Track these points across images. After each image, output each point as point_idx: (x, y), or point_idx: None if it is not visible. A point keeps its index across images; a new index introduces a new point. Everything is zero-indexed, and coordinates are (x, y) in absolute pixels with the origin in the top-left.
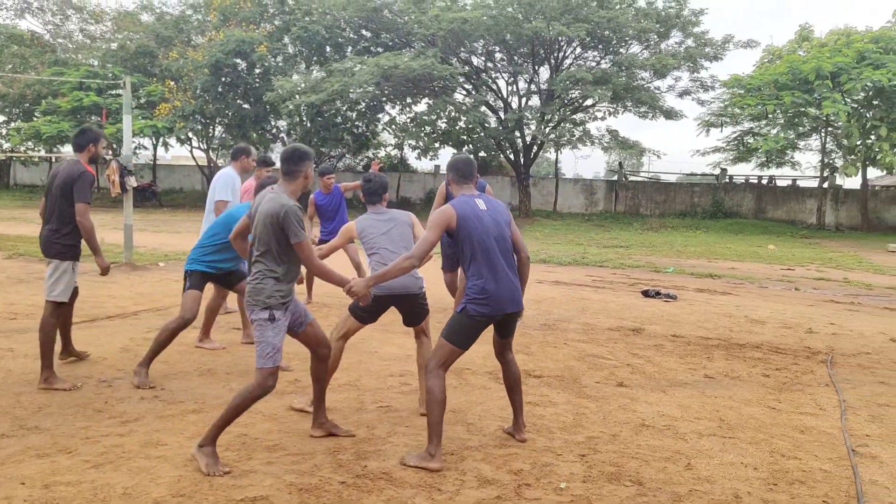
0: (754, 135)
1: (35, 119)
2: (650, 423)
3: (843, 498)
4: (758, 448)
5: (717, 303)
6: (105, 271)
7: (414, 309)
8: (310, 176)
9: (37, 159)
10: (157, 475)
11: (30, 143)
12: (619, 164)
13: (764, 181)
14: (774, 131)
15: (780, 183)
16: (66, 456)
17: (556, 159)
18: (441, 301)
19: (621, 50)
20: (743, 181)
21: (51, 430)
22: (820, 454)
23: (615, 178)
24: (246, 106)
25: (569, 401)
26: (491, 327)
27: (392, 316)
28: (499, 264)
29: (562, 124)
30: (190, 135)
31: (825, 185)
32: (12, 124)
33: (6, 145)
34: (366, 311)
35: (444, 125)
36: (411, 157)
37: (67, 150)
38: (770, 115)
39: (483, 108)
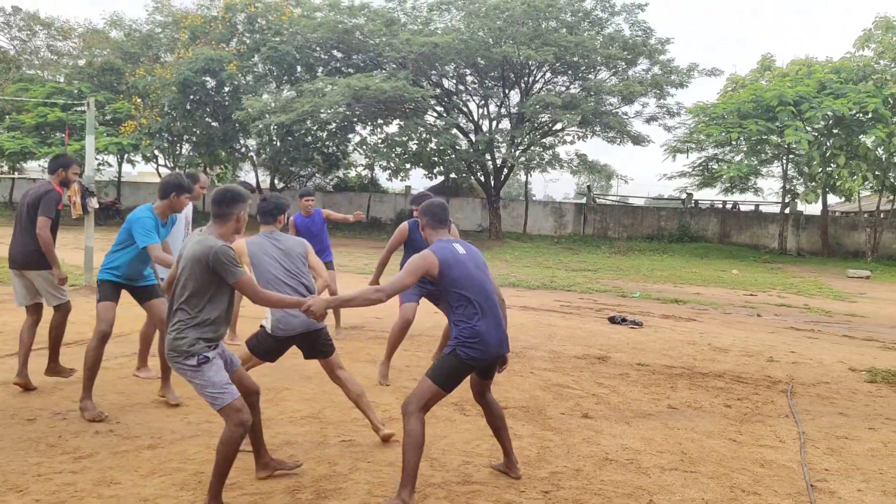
0: (718, 161)
1: None
2: (614, 456)
3: None
4: (719, 483)
5: (681, 329)
6: (62, 283)
7: (317, 346)
8: (242, 219)
9: None
10: None
11: None
12: (588, 187)
13: (728, 206)
14: (738, 158)
15: (743, 208)
16: (17, 495)
17: (526, 182)
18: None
19: (590, 76)
20: (708, 206)
21: (2, 465)
22: (779, 489)
23: (584, 200)
24: (214, 124)
25: (533, 433)
26: None
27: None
28: (483, 307)
29: (532, 147)
30: (156, 152)
31: (787, 210)
32: None
33: None
34: (266, 349)
35: (415, 146)
36: (382, 177)
37: (31, 165)
38: (734, 143)
39: (454, 131)
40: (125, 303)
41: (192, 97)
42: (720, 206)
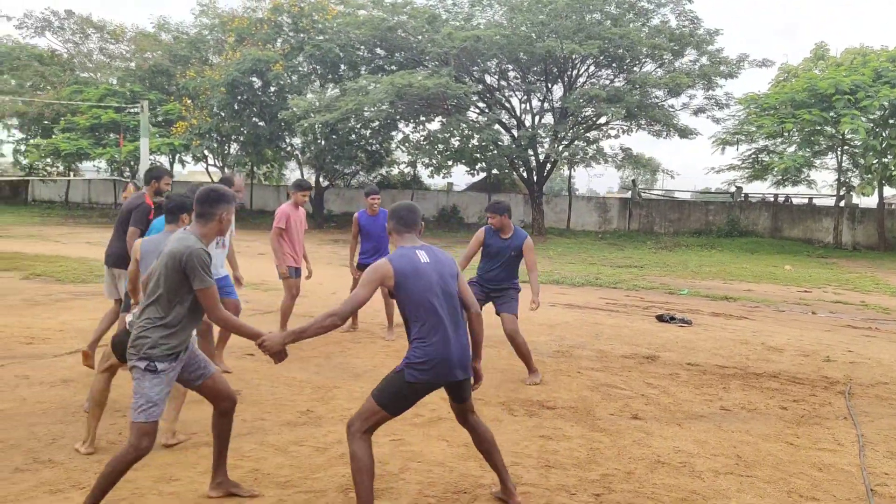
0: (769, 152)
1: (54, 136)
2: (666, 459)
3: None
4: (775, 487)
5: (733, 328)
6: None
7: None
8: (225, 220)
9: (55, 177)
10: None
11: (48, 159)
12: (633, 181)
13: (780, 199)
14: (791, 149)
15: (796, 201)
16: (79, 492)
17: (570, 177)
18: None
19: (635, 68)
20: (759, 199)
21: (64, 463)
22: (838, 494)
23: (629, 195)
24: (261, 123)
25: (583, 434)
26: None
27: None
28: (443, 325)
29: (575, 142)
30: (206, 152)
31: (842, 203)
32: (31, 141)
33: (24, 161)
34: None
35: (457, 143)
36: (424, 174)
37: (86, 166)
38: (786, 134)
39: (496, 126)
40: None
41: (239, 98)
42: (771, 199)
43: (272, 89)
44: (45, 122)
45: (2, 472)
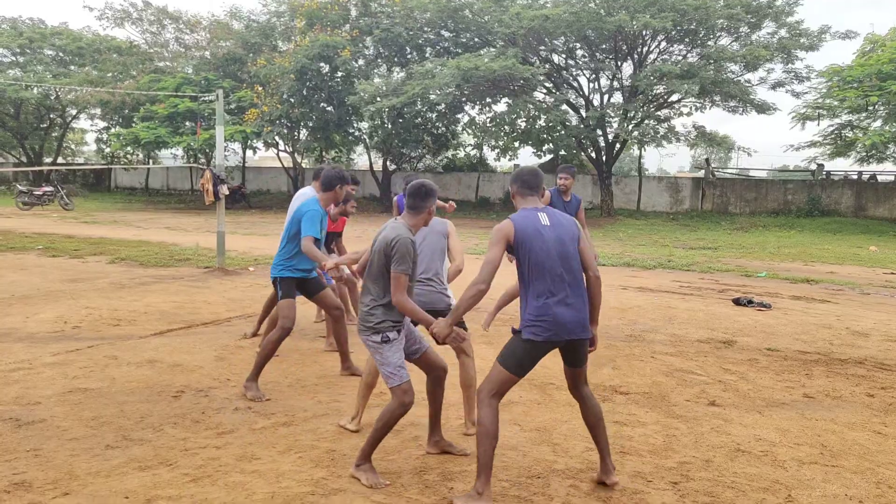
0: (853, 128)
1: (134, 125)
2: (746, 448)
3: None
4: (863, 478)
5: (815, 312)
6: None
7: None
8: (432, 212)
9: (136, 165)
10: (252, 491)
11: (129, 147)
12: (706, 160)
13: (864, 177)
14: (876, 124)
15: (881, 178)
16: (167, 469)
17: (640, 156)
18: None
19: (709, 42)
20: (841, 177)
21: (152, 441)
22: None
23: (701, 174)
24: (329, 109)
25: (658, 421)
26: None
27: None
28: (560, 285)
29: (645, 121)
30: (276, 138)
31: None
32: (112, 130)
33: (107, 150)
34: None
35: (523, 124)
36: (490, 157)
37: (163, 154)
38: (871, 108)
39: (564, 107)
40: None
41: (308, 84)
42: (855, 177)
43: (339, 74)
44: (126, 112)
45: (94, 449)
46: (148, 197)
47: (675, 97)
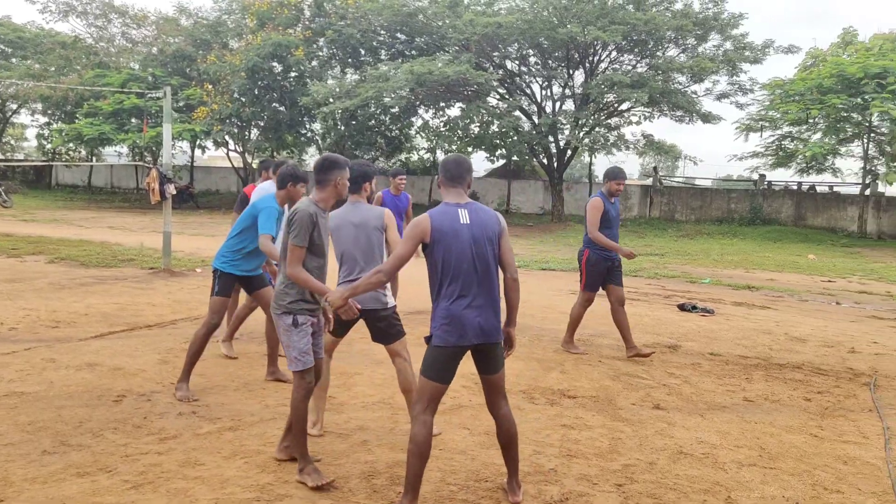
0: (793, 139)
1: (77, 121)
2: (688, 450)
3: None
4: (800, 480)
5: (755, 318)
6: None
7: (379, 326)
8: (340, 184)
9: (78, 162)
10: (195, 498)
11: (71, 144)
12: (654, 168)
13: (804, 188)
14: (816, 136)
15: (820, 189)
16: (107, 475)
17: (590, 163)
18: None
19: (658, 53)
20: (782, 187)
21: (91, 446)
22: (864, 487)
23: (650, 182)
24: (281, 109)
25: (604, 424)
26: None
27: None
28: (471, 287)
29: (596, 129)
30: (226, 138)
31: (867, 192)
32: (54, 126)
33: (48, 146)
34: (336, 324)
35: (477, 129)
36: None
37: (108, 151)
38: (811, 120)
39: (517, 113)
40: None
41: (260, 83)
42: (795, 187)
43: (292, 74)
44: (69, 107)
45: (30, 455)
46: (91, 195)
47: (624, 106)
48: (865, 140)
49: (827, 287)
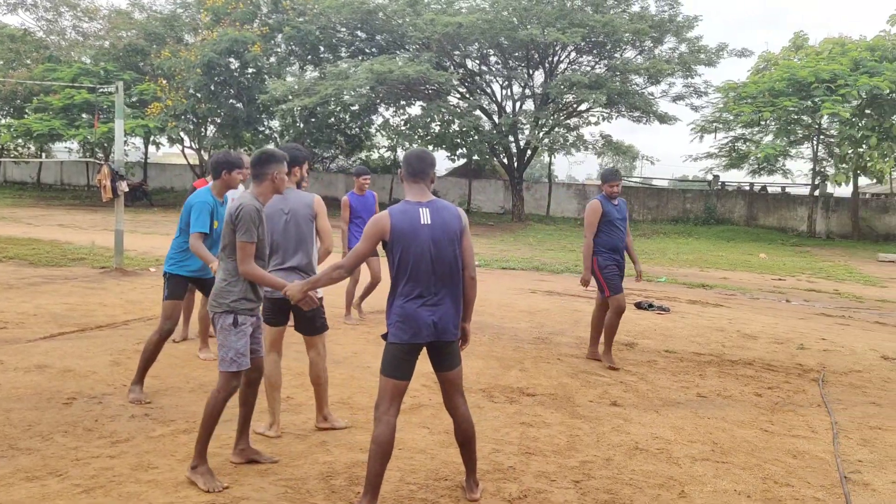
0: (746, 141)
1: (26, 116)
2: (644, 446)
3: None
4: (751, 474)
5: (709, 315)
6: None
7: (307, 315)
8: (277, 179)
9: (27, 158)
10: (149, 501)
11: (20, 140)
12: (613, 168)
13: (756, 188)
14: (767, 138)
15: (771, 190)
16: (57, 479)
17: (550, 163)
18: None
19: (616, 55)
20: (735, 188)
21: (41, 450)
22: (812, 481)
23: None
24: (239, 105)
25: (562, 421)
26: None
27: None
28: (429, 287)
29: (555, 129)
30: (182, 134)
31: (816, 192)
32: (2, 121)
33: None
34: (269, 315)
35: (437, 128)
36: None
37: (58, 147)
38: (763, 123)
39: (477, 112)
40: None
41: (216, 79)
42: (747, 188)
43: (250, 71)
44: (18, 102)
45: None
46: (40, 192)
47: (583, 106)
48: (815, 142)
49: (777, 285)
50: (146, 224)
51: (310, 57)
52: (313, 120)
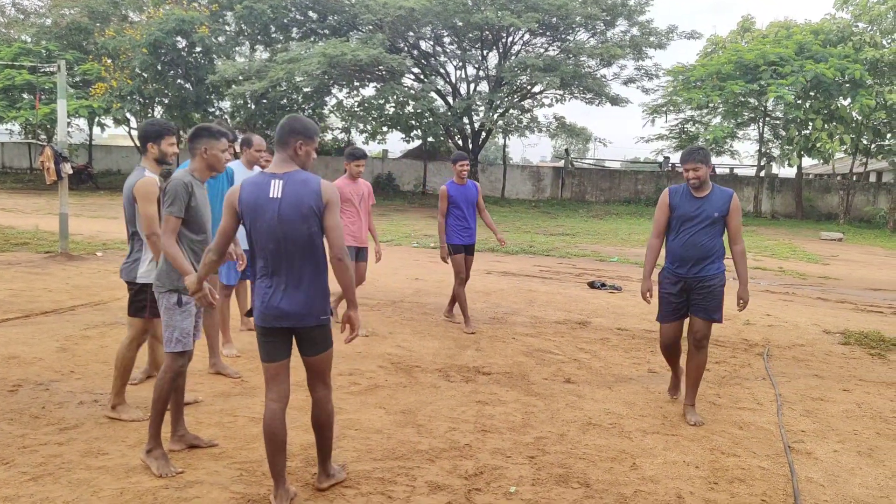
0: (695, 122)
1: None
2: (596, 421)
3: (781, 496)
4: (699, 445)
5: None
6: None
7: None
8: (209, 154)
9: None
10: (99, 488)
11: None
12: (566, 150)
13: None
14: (716, 120)
15: (719, 171)
16: (3, 467)
17: (504, 145)
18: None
19: (569, 37)
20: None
21: None
22: (758, 451)
23: (562, 164)
24: (187, 86)
25: (517, 399)
26: None
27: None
28: (278, 267)
29: (510, 111)
30: (128, 115)
31: (762, 173)
32: None
33: None
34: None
35: (392, 110)
36: (359, 140)
37: None
38: (711, 105)
39: (432, 94)
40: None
41: (163, 58)
42: None
43: (198, 50)
44: None
45: None
46: None
47: (537, 88)
48: (761, 124)
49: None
50: (92, 207)
51: (260, 37)
52: (265, 101)
